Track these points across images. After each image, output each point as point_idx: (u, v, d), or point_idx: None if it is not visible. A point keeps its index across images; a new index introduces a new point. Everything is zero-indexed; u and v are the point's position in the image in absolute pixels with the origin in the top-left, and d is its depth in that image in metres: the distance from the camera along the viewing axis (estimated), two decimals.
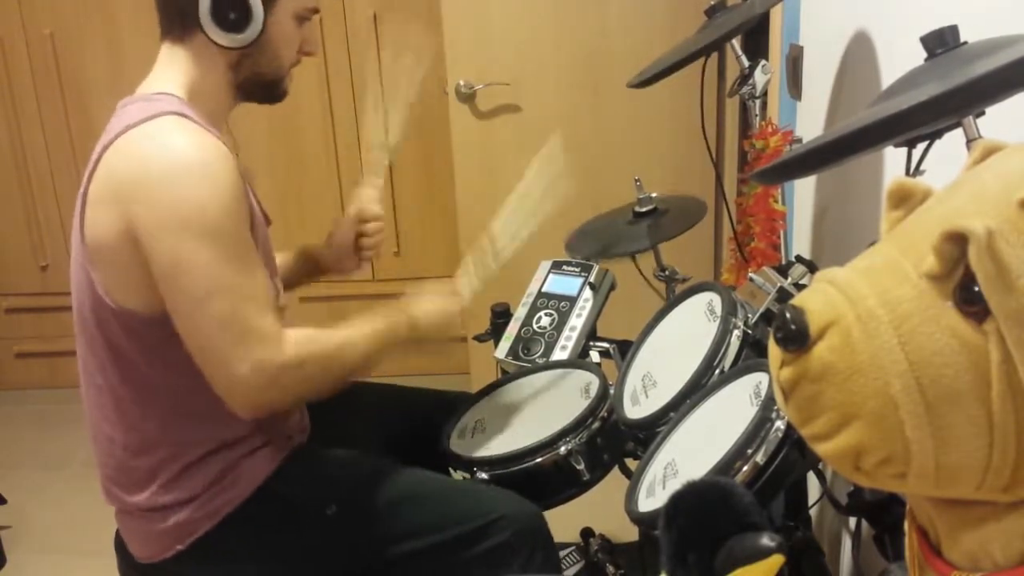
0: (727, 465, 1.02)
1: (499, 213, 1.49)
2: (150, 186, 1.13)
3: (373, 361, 1.28)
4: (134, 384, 1.24)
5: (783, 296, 1.27)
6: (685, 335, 1.40)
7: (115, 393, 1.25)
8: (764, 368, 1.14)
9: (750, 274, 1.37)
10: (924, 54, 0.95)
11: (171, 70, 1.25)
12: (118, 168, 1.16)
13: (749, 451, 1.02)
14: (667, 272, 1.78)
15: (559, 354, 1.64)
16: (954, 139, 0.94)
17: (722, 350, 1.26)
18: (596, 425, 1.35)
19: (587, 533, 1.89)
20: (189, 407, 1.25)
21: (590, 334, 1.70)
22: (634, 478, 1.19)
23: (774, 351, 0.67)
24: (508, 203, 1.49)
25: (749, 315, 1.30)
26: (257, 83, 1.30)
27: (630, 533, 1.30)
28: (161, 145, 1.15)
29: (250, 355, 1.14)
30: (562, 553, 1.92)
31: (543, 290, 1.77)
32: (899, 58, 1.36)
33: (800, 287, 1.28)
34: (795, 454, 1.03)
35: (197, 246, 1.12)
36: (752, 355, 1.27)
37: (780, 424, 1.02)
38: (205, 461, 1.26)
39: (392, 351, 1.31)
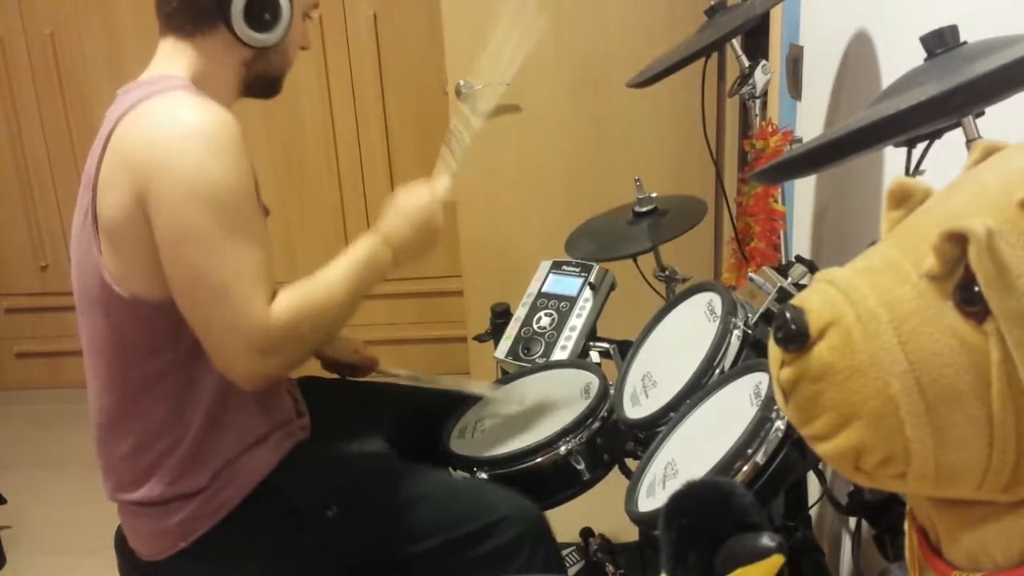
0: (727, 465, 1.02)
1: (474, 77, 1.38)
2: (159, 158, 1.13)
3: (361, 295, 1.27)
4: (138, 374, 1.24)
5: (783, 296, 1.27)
6: (685, 335, 1.40)
7: (118, 383, 1.25)
8: (764, 368, 1.14)
9: (750, 274, 1.37)
10: (924, 54, 0.95)
11: (175, 62, 1.25)
12: (127, 144, 1.16)
13: (749, 451, 1.02)
14: (667, 272, 1.78)
15: (559, 354, 1.64)
16: (954, 139, 0.94)
17: (722, 350, 1.26)
18: (596, 425, 1.35)
19: (587, 533, 1.89)
20: (190, 397, 1.25)
21: (590, 334, 1.70)
22: (634, 478, 1.19)
23: (774, 351, 0.67)
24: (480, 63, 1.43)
25: (749, 315, 1.30)
26: (265, 79, 1.32)
27: (630, 533, 1.30)
28: (169, 116, 1.16)
29: (244, 331, 1.14)
30: (562, 553, 1.92)
31: (543, 290, 1.77)
32: (899, 58, 1.36)
33: (800, 287, 1.28)
34: (795, 454, 1.03)
35: (200, 215, 1.13)
36: (752, 355, 1.27)
37: (780, 424, 1.02)
38: (205, 455, 1.26)
39: (379, 277, 1.29)
